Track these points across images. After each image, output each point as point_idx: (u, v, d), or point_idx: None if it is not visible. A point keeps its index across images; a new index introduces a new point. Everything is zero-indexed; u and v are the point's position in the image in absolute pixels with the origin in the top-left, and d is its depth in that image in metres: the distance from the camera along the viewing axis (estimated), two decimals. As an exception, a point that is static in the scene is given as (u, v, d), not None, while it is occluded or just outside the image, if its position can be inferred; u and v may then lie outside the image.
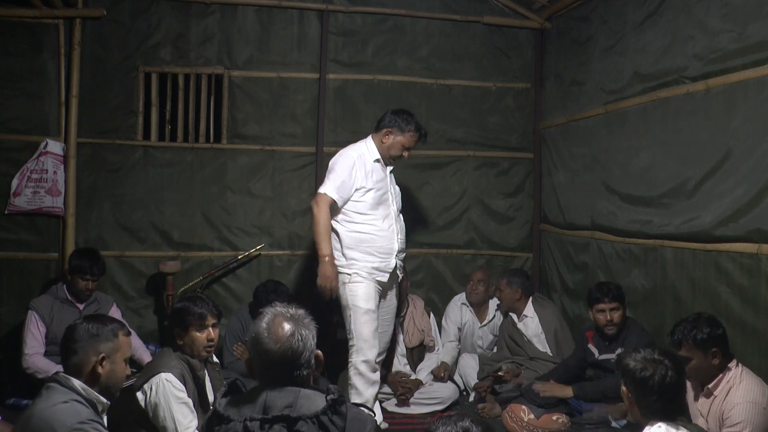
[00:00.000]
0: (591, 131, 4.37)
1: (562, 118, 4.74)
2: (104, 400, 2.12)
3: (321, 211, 3.49)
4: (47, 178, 4.37)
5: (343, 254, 3.55)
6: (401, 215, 3.81)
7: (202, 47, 4.66)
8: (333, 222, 3.57)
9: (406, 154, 3.68)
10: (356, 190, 3.56)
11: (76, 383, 2.05)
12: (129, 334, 2.23)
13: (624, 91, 3.98)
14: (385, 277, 3.59)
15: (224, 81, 4.69)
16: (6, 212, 4.34)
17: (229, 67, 4.70)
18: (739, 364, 2.60)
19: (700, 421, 2.62)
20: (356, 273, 3.52)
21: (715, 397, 2.58)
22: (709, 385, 2.60)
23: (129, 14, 4.54)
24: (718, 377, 2.58)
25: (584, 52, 4.46)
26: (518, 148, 5.09)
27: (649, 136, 3.75)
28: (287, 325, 1.78)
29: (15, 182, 4.32)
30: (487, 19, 4.98)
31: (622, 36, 4.01)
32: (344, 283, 3.53)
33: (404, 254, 3.82)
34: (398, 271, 3.73)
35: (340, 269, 3.53)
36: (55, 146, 4.40)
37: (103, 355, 2.09)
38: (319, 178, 4.80)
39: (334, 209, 3.56)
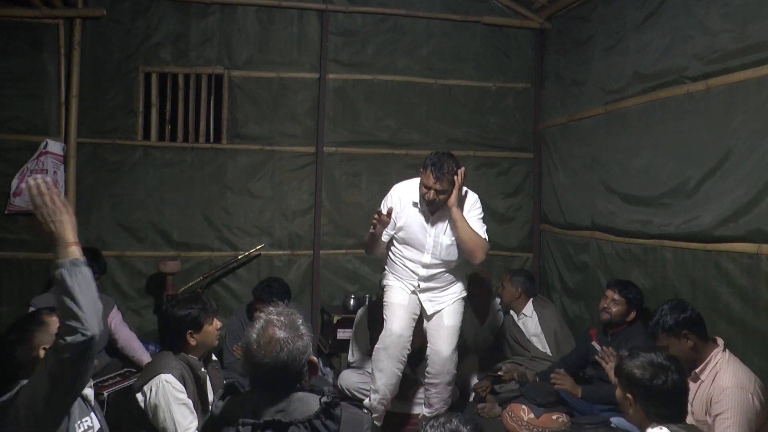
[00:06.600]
0: (591, 131, 4.37)
1: (562, 118, 4.74)
2: None
3: None
4: (47, 179, 4.37)
5: (385, 267, 3.74)
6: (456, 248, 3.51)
7: (202, 47, 4.65)
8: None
9: (429, 194, 3.34)
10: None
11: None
12: (51, 310, 2.09)
13: (624, 91, 3.98)
14: (412, 287, 3.61)
15: (224, 81, 4.69)
16: (6, 212, 4.34)
17: (229, 67, 4.69)
18: (726, 350, 2.65)
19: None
20: (387, 284, 3.64)
21: (702, 381, 2.61)
22: (696, 370, 2.63)
23: (129, 14, 4.54)
24: (705, 361, 2.62)
25: (584, 52, 4.45)
26: (518, 148, 5.09)
27: (649, 136, 3.75)
28: (278, 334, 1.72)
29: (15, 182, 4.32)
30: (487, 19, 4.98)
31: (622, 36, 4.01)
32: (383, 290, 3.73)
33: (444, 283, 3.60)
34: (428, 301, 3.60)
35: (383, 279, 3.73)
36: (55, 146, 4.39)
37: (44, 346, 1.97)
38: (319, 178, 4.82)
39: None
